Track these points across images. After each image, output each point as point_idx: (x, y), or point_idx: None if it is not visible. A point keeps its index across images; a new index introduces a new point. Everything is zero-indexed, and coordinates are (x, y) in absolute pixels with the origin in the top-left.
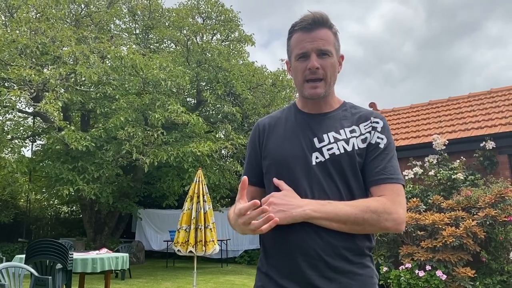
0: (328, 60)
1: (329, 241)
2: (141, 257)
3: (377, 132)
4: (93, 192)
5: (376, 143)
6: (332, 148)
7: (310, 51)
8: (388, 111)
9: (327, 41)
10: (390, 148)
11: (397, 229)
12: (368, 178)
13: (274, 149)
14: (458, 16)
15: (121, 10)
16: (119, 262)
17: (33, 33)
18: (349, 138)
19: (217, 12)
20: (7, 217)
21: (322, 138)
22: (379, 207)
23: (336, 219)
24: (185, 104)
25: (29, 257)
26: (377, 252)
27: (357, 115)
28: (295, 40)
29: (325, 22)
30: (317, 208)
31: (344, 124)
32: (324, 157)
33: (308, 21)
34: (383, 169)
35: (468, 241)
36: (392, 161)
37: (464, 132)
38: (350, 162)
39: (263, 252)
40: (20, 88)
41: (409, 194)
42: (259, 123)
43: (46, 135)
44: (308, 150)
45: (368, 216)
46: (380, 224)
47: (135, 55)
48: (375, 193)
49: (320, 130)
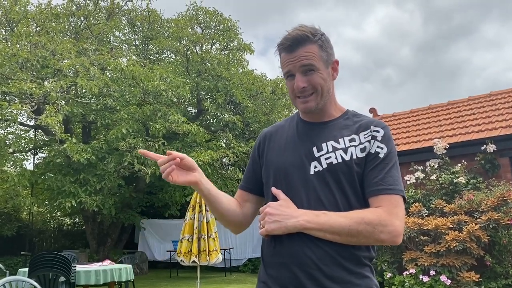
0: (314, 75)
1: (327, 250)
2: (145, 267)
3: (377, 141)
4: (95, 204)
5: (375, 152)
6: (330, 157)
7: (294, 71)
8: (388, 116)
9: (310, 57)
10: (390, 158)
11: (393, 241)
12: (366, 188)
13: (274, 158)
14: (454, 19)
15: (121, 22)
16: (123, 274)
17: (33, 46)
18: (347, 147)
19: (216, 21)
20: (10, 230)
21: (321, 147)
22: (375, 219)
23: (330, 231)
24: (185, 113)
25: (32, 270)
26: (381, 258)
27: (358, 124)
28: (281, 60)
29: (306, 38)
30: (311, 219)
31: (344, 133)
32: (322, 166)
33: (288, 41)
34: (382, 179)
35: (471, 245)
36: (392, 171)
37: (465, 135)
38: (348, 172)
39: (262, 261)
40: (21, 101)
41: (411, 199)
42: (264, 132)
43: (47, 148)
44: (307, 159)
45: (362, 228)
46: (375, 236)
47: (135, 66)
48: (373, 204)
49: (319, 139)
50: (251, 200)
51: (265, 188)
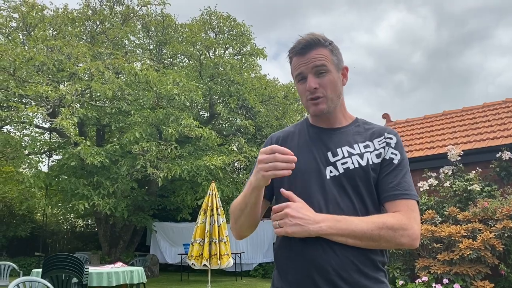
0: (326, 77)
1: (345, 255)
2: (156, 270)
3: (391, 148)
4: (108, 207)
5: (390, 158)
6: (346, 162)
7: (306, 73)
8: (401, 122)
9: (322, 59)
10: (403, 164)
11: (412, 245)
12: (382, 193)
13: None
14: (468, 24)
15: (135, 27)
16: (134, 276)
17: (49, 50)
18: (363, 153)
19: (229, 26)
20: (24, 231)
21: (336, 152)
22: (396, 223)
23: (352, 236)
24: (198, 117)
25: (46, 271)
26: (393, 265)
27: (370, 131)
28: (293, 64)
29: (318, 42)
30: (333, 225)
31: (357, 139)
32: (339, 171)
33: (301, 45)
34: (398, 184)
35: (486, 253)
36: (406, 177)
37: (480, 142)
38: (365, 177)
39: (276, 266)
40: (37, 104)
41: (424, 206)
42: (272, 136)
43: (62, 151)
44: (322, 164)
45: (384, 233)
46: (396, 240)
47: (149, 70)
48: (390, 208)
49: (333, 144)
50: (262, 205)
51: (276, 193)
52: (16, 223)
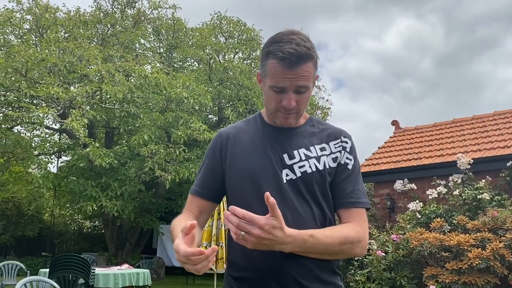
0: (304, 95)
1: (307, 265)
2: (161, 273)
3: (346, 153)
4: (115, 209)
5: (345, 163)
6: (304, 165)
7: (288, 89)
8: (411, 129)
9: (307, 77)
10: (357, 170)
11: (362, 253)
12: (337, 199)
13: (241, 164)
14: (477, 32)
15: (146, 30)
16: (140, 278)
17: (61, 52)
18: (320, 156)
19: (239, 31)
20: (32, 231)
21: (293, 155)
22: (355, 237)
23: (314, 252)
24: (206, 121)
25: (53, 271)
26: (400, 273)
27: (326, 132)
28: (272, 69)
29: (308, 56)
30: (299, 245)
31: (313, 141)
32: (296, 174)
33: (292, 56)
34: (352, 192)
35: (495, 263)
36: (360, 184)
37: (490, 151)
38: (322, 181)
39: (229, 275)
40: (48, 105)
41: (433, 214)
42: (221, 133)
43: (71, 152)
44: (278, 166)
45: (344, 247)
46: (352, 252)
47: (159, 73)
48: (344, 216)
49: (290, 146)
50: (208, 210)
51: (231, 196)
52: (24, 223)
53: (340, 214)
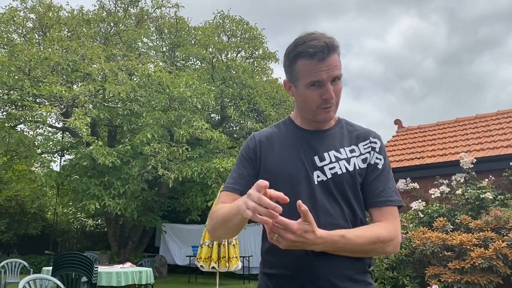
0: (338, 85)
1: (336, 262)
2: (164, 272)
3: (376, 153)
4: (118, 207)
5: (375, 163)
6: (334, 167)
7: (325, 81)
8: (414, 128)
9: (338, 66)
10: (387, 169)
11: (394, 251)
12: (368, 199)
13: (274, 166)
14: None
15: (149, 29)
16: (143, 277)
17: (64, 51)
18: (350, 158)
19: (241, 30)
20: (35, 229)
21: (323, 157)
22: (387, 236)
23: (345, 251)
24: (209, 120)
25: (56, 270)
26: (403, 272)
27: (354, 133)
28: (306, 67)
29: (335, 47)
30: (330, 245)
31: (343, 143)
32: (326, 176)
33: (323, 49)
34: (383, 191)
35: (498, 263)
36: (390, 183)
37: (493, 150)
38: (352, 182)
39: (264, 273)
40: (51, 104)
41: (435, 213)
42: (255, 136)
43: (74, 150)
44: (309, 168)
45: (376, 246)
46: (383, 250)
47: (162, 72)
48: (376, 215)
49: (320, 148)
50: None
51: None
52: (27, 221)
53: (372, 213)
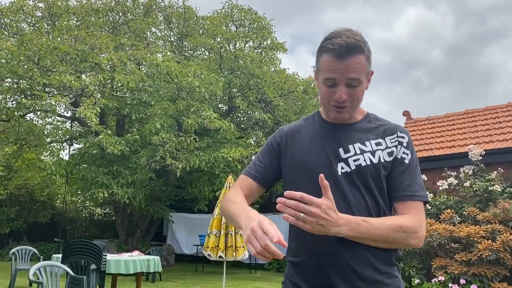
0: (356, 89)
1: (361, 251)
2: (171, 260)
3: (403, 147)
4: (126, 196)
5: (401, 158)
6: (358, 159)
7: (339, 81)
8: (422, 120)
9: (359, 69)
10: (414, 164)
11: (418, 245)
12: (393, 192)
13: (300, 157)
14: (488, 22)
15: (157, 18)
16: (151, 265)
17: (73, 40)
18: (375, 151)
19: (250, 20)
20: (45, 217)
21: (348, 149)
22: (410, 226)
23: (368, 238)
24: (217, 110)
25: (65, 257)
26: (409, 263)
27: (382, 128)
28: (324, 62)
29: (359, 48)
30: (353, 228)
31: (369, 136)
32: (350, 167)
33: (341, 47)
34: (409, 185)
35: (505, 255)
36: (417, 178)
37: (502, 142)
38: (376, 174)
39: (289, 260)
40: (60, 93)
41: (443, 205)
42: (283, 128)
43: (83, 139)
44: (333, 160)
45: (398, 236)
46: (406, 241)
47: (170, 62)
48: (400, 208)
49: (345, 140)
50: (257, 192)
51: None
52: (36, 209)
53: (397, 207)
